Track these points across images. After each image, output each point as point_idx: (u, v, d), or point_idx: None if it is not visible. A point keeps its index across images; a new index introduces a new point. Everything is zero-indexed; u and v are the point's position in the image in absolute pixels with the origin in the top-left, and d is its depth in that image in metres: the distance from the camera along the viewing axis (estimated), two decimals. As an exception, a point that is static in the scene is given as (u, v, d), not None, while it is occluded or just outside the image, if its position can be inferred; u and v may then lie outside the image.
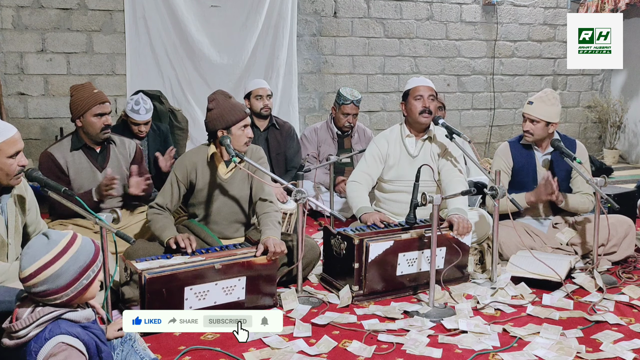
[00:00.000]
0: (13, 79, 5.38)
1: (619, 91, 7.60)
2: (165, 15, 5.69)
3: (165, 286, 2.65)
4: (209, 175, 3.20)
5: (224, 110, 3.06)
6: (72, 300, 1.89)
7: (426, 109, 3.49)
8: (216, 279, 2.77)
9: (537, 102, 3.52)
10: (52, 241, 1.88)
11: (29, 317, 1.84)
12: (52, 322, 1.86)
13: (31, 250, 1.87)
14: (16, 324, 1.84)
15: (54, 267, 1.84)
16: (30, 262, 1.84)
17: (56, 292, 1.85)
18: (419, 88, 3.54)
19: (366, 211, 3.42)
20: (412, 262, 3.11)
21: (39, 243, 1.88)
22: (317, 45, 6.38)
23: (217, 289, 2.78)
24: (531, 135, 3.56)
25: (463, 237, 3.19)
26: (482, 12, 6.99)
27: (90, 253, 1.93)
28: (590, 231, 3.53)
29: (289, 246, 3.18)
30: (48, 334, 1.83)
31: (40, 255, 1.85)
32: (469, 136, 5.72)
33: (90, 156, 3.44)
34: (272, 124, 4.66)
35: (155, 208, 3.16)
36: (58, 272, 1.85)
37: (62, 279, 1.85)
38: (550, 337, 2.62)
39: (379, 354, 2.50)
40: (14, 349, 1.87)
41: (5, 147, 2.38)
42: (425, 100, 3.50)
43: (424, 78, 3.69)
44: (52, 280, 1.84)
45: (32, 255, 1.85)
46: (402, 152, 3.61)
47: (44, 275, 1.83)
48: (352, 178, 3.66)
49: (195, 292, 2.72)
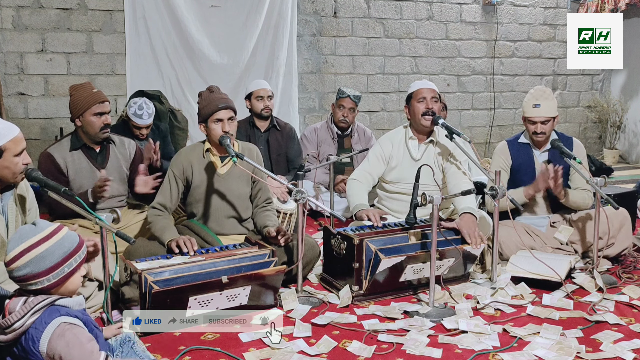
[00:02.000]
0: (13, 79, 5.38)
1: (619, 91, 7.60)
2: (165, 15, 5.69)
3: (170, 297, 2.62)
4: (205, 171, 3.21)
5: (202, 104, 3.14)
6: (52, 287, 1.91)
7: (429, 110, 3.51)
8: (222, 289, 2.75)
9: (542, 103, 3.54)
10: (39, 227, 1.93)
11: (22, 308, 1.85)
12: (47, 307, 1.86)
13: (18, 235, 1.91)
14: (10, 317, 1.84)
15: (39, 249, 1.87)
16: (17, 244, 1.88)
17: (38, 276, 1.87)
18: (422, 90, 3.56)
19: (362, 208, 3.42)
20: (418, 270, 3.11)
21: (26, 229, 1.93)
22: (317, 45, 6.38)
23: (222, 297, 2.76)
24: (544, 135, 3.58)
25: (478, 248, 3.19)
26: (482, 12, 6.99)
27: (75, 242, 1.97)
28: (588, 227, 3.55)
29: (289, 245, 3.19)
30: (47, 318, 1.84)
31: (26, 238, 1.89)
32: (469, 136, 5.72)
33: (90, 156, 3.44)
34: (272, 125, 4.66)
35: (155, 209, 3.16)
36: (42, 254, 1.87)
37: (45, 262, 1.88)
38: (550, 337, 2.62)
39: (379, 354, 2.50)
40: (10, 344, 1.87)
41: (12, 145, 2.41)
42: (428, 102, 3.52)
43: (426, 81, 3.70)
44: (35, 262, 1.86)
45: (17, 239, 1.89)
46: (405, 155, 3.62)
47: (27, 257, 1.86)
48: (353, 176, 3.68)
49: (199, 300, 2.70)
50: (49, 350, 1.81)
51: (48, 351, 1.81)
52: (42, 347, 1.82)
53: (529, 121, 3.61)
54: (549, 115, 3.56)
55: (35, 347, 1.82)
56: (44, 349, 1.81)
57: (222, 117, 3.08)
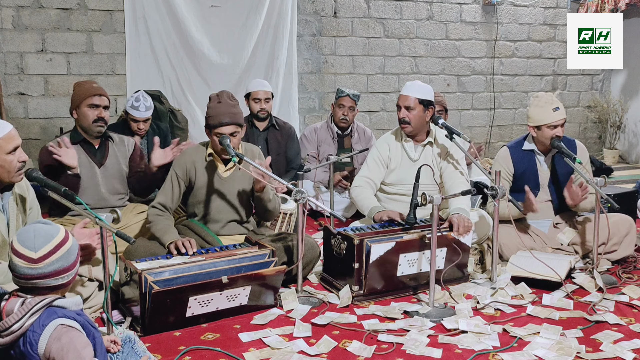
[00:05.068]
0: (13, 79, 5.38)
1: (619, 91, 7.60)
2: (165, 15, 5.69)
3: (170, 297, 2.63)
4: (208, 173, 3.21)
5: (209, 112, 3.12)
6: (72, 282, 1.96)
7: (401, 120, 3.51)
8: (222, 289, 2.75)
9: (559, 106, 3.52)
10: (53, 225, 1.95)
11: (20, 309, 1.84)
12: (45, 309, 1.86)
13: (43, 232, 1.90)
14: (8, 320, 1.83)
15: (67, 244, 1.92)
16: (48, 241, 1.89)
17: (68, 270, 1.91)
18: (399, 98, 3.56)
19: (378, 210, 3.42)
20: (413, 262, 3.11)
21: (44, 227, 1.92)
22: (317, 45, 6.38)
23: (222, 297, 2.77)
24: (560, 137, 3.51)
25: (464, 237, 3.19)
26: (482, 12, 6.99)
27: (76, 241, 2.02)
28: (591, 231, 3.52)
29: (289, 246, 3.19)
30: (45, 320, 1.84)
31: (54, 234, 1.91)
32: (468, 136, 5.72)
33: (89, 151, 3.46)
34: (271, 124, 4.67)
35: (156, 209, 3.16)
36: (70, 249, 1.92)
37: (71, 257, 1.93)
38: (550, 337, 2.62)
39: (379, 354, 2.50)
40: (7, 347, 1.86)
41: (3, 143, 2.38)
42: (402, 111, 3.51)
43: (413, 85, 3.56)
44: (65, 257, 1.90)
45: (45, 235, 1.89)
46: (403, 156, 3.61)
47: (61, 252, 1.89)
48: (355, 184, 3.66)
49: (200, 300, 2.71)
50: (46, 352, 1.81)
51: (45, 352, 1.81)
52: (40, 349, 1.81)
53: (548, 127, 3.48)
54: (564, 117, 3.53)
55: (34, 349, 1.81)
56: (42, 351, 1.81)
57: (223, 132, 3.07)
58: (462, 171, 3.55)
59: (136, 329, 2.66)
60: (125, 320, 2.75)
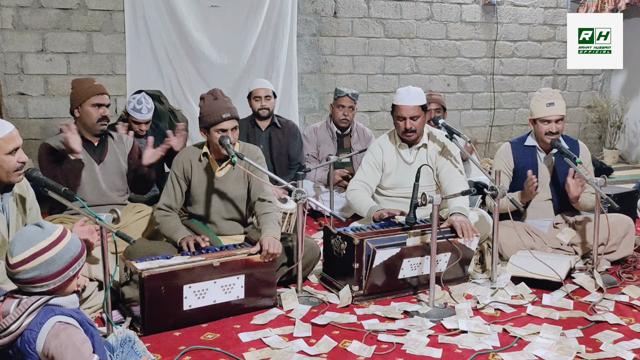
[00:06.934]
0: (13, 79, 5.38)
1: (619, 91, 7.60)
2: (165, 15, 5.69)
3: (164, 284, 2.65)
4: (203, 173, 3.21)
5: (205, 111, 3.10)
6: (55, 290, 1.92)
7: (407, 130, 3.48)
8: (214, 276, 2.78)
9: (555, 101, 3.52)
10: (46, 230, 1.92)
11: (16, 310, 1.84)
12: (41, 308, 1.86)
13: (25, 237, 1.89)
14: (5, 321, 1.83)
15: (49, 253, 1.88)
16: (25, 248, 1.87)
17: (46, 279, 1.88)
18: (402, 109, 3.46)
19: (377, 209, 3.41)
20: (415, 266, 3.11)
21: (32, 231, 1.91)
22: (317, 45, 6.38)
23: (216, 287, 2.78)
24: (558, 134, 3.53)
25: (471, 241, 3.18)
26: (482, 12, 6.99)
27: (79, 247, 1.99)
28: (590, 231, 3.52)
29: (289, 246, 3.18)
30: (42, 319, 1.84)
31: (35, 241, 1.88)
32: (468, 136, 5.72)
33: (88, 148, 3.46)
34: (273, 123, 4.67)
35: (162, 210, 3.17)
36: (53, 259, 1.88)
37: (54, 266, 1.89)
38: (550, 337, 2.62)
39: (379, 354, 2.50)
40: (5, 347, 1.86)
41: (3, 143, 2.37)
42: (407, 122, 3.46)
43: (410, 93, 3.50)
44: (45, 266, 1.87)
45: (26, 242, 1.88)
46: (399, 160, 3.60)
47: (38, 261, 1.86)
48: (350, 187, 3.64)
49: (194, 290, 2.73)
50: (45, 349, 1.81)
51: (44, 350, 1.81)
52: (38, 347, 1.81)
53: (542, 121, 3.52)
54: (562, 114, 3.53)
55: (32, 348, 1.82)
56: (40, 348, 1.81)
57: (226, 128, 3.05)
58: (461, 170, 3.55)
59: (136, 329, 2.66)
60: (125, 320, 2.75)
